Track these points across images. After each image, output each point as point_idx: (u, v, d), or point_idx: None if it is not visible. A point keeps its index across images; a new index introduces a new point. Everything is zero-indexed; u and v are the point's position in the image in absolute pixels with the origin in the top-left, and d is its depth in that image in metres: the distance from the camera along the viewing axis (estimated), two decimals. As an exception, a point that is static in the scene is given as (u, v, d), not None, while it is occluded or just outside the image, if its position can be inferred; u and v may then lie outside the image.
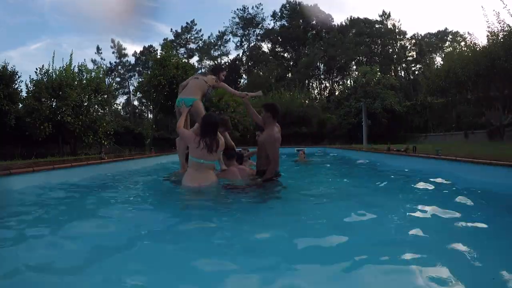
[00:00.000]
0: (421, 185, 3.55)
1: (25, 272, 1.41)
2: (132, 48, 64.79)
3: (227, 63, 41.42)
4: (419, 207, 2.46)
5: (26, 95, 11.47)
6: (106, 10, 41.03)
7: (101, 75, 13.23)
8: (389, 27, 39.22)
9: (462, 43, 15.23)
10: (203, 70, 41.14)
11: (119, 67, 40.70)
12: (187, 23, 41.04)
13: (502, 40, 11.70)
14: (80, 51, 49.05)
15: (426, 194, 3.19)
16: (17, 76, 12.09)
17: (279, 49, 43.42)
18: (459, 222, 2.05)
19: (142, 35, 57.72)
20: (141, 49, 40.65)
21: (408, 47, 39.34)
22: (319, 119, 20.72)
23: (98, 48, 39.17)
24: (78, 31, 53.51)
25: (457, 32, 32.36)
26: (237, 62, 41.98)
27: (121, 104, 38.75)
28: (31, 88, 11.22)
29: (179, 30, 40.84)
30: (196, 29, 41.16)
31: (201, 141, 2.98)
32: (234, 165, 3.68)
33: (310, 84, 40.73)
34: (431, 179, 3.79)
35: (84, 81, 12.12)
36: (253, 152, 4.70)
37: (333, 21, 41.88)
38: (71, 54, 12.13)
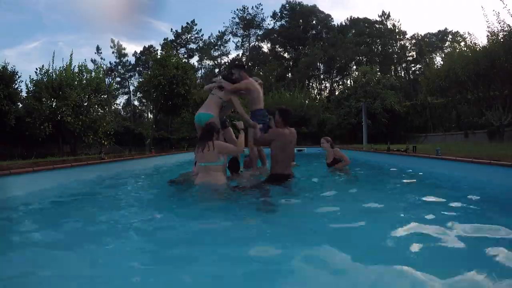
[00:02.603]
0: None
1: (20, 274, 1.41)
2: (132, 48, 64.82)
3: (227, 63, 41.41)
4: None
5: (26, 95, 11.47)
6: (104, 8, 40.87)
7: (101, 75, 13.23)
8: (389, 27, 39.21)
9: (462, 43, 15.22)
10: (203, 70, 41.20)
11: (119, 67, 40.67)
12: (187, 23, 41.03)
13: (502, 40, 11.69)
14: (77, 49, 48.82)
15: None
16: (17, 76, 12.10)
17: (279, 49, 43.42)
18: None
19: (142, 34, 57.73)
20: (141, 49, 40.69)
21: (408, 47, 39.34)
22: (319, 119, 20.71)
23: (97, 48, 39.14)
24: (74, 29, 53.23)
25: (457, 32, 32.34)
26: (237, 62, 41.95)
27: (121, 104, 38.74)
28: (31, 88, 11.22)
29: (179, 30, 40.83)
30: (196, 29, 41.14)
31: (199, 146, 3.28)
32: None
33: (310, 84, 40.73)
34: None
35: (84, 81, 12.12)
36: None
37: (333, 21, 41.93)
38: (71, 54, 12.15)
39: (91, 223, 2.26)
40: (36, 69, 11.43)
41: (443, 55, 24.20)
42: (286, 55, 43.72)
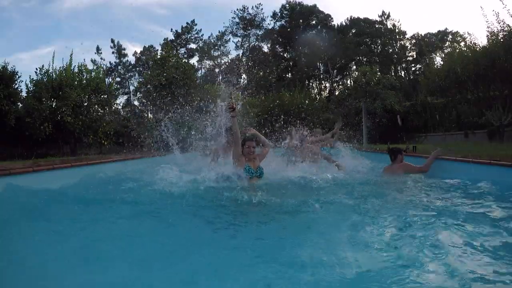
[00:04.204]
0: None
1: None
2: (132, 48, 64.71)
3: (227, 63, 41.36)
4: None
5: (26, 95, 11.46)
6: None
7: (101, 75, 13.23)
8: (389, 27, 39.17)
9: (462, 43, 15.21)
10: (203, 71, 41.15)
11: (119, 67, 40.60)
12: (187, 23, 40.98)
13: (502, 40, 11.68)
14: (86, 52, 47.86)
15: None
16: (17, 76, 12.08)
17: (279, 49, 43.35)
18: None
19: (142, 35, 57.58)
20: (141, 49, 40.63)
21: (408, 47, 39.29)
22: (319, 119, 20.68)
23: (98, 48, 39.05)
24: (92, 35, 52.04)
25: (457, 32, 32.30)
26: (237, 62, 41.90)
27: (121, 104, 38.61)
28: (31, 88, 11.22)
29: (179, 30, 40.79)
30: (196, 29, 41.10)
31: None
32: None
33: (310, 84, 40.71)
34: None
35: (84, 81, 12.11)
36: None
37: (333, 21, 41.89)
38: (71, 54, 12.17)
39: (85, 222, 2.25)
40: (36, 69, 11.44)
41: (443, 55, 24.21)
42: (286, 55, 43.67)
